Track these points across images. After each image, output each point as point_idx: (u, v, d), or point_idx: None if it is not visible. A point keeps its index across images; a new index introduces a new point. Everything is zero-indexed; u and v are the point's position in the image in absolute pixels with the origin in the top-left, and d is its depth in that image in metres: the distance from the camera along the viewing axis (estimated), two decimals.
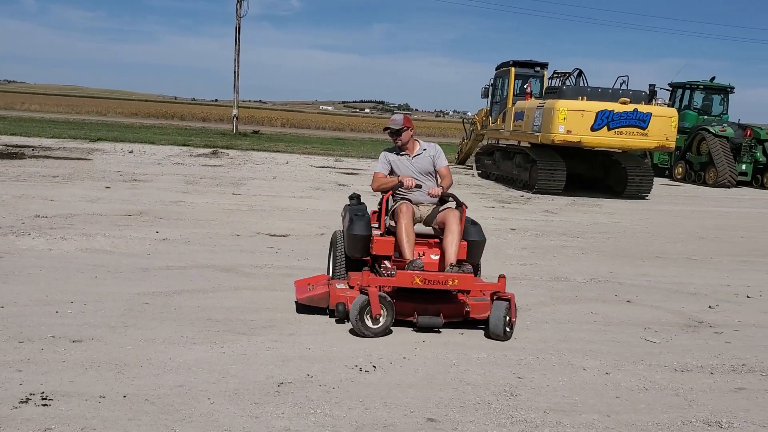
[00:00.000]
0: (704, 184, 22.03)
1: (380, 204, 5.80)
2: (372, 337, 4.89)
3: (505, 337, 5.01)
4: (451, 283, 5.05)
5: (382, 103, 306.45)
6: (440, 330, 5.14)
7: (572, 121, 15.35)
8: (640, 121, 15.64)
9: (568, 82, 17.89)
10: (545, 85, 19.26)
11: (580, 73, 17.70)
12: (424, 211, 5.71)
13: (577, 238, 10.16)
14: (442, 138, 52.28)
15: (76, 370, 3.95)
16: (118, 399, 3.60)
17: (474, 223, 5.75)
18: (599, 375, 4.50)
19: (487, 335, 5.10)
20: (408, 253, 5.31)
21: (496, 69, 21.44)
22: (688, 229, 11.94)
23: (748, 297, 7.00)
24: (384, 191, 5.75)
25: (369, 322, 4.91)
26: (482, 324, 5.24)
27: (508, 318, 5.03)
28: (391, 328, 5.03)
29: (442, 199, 5.73)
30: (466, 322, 5.26)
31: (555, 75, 19.33)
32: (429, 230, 5.70)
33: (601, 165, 17.49)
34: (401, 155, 5.91)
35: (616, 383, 4.37)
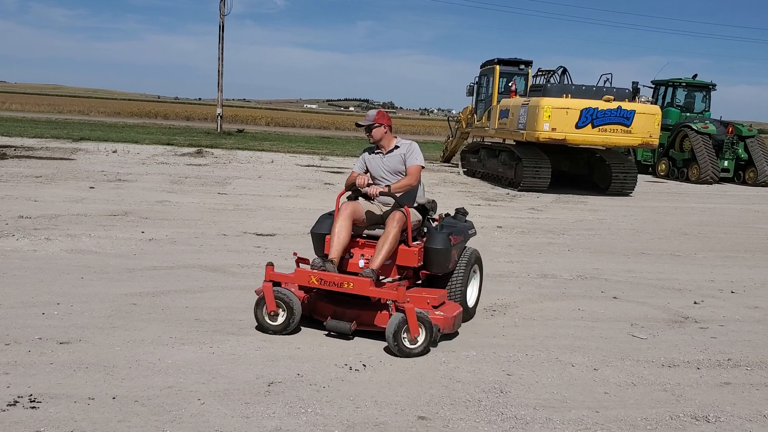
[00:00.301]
0: (687, 180, 22.23)
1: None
2: (273, 334, 4.78)
3: (401, 352, 4.54)
4: (345, 285, 4.71)
5: (367, 101, 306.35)
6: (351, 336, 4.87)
7: (557, 119, 15.43)
8: (624, 119, 15.75)
9: (552, 80, 17.99)
10: (530, 83, 19.34)
11: (565, 71, 17.80)
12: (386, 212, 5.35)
13: (563, 235, 10.21)
14: (428, 136, 52.43)
15: (64, 372, 3.92)
16: (108, 401, 3.58)
17: (445, 228, 5.37)
18: (588, 371, 4.53)
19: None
20: (334, 251, 4.99)
21: (481, 67, 21.49)
22: (671, 225, 12.05)
23: (732, 292, 7.08)
24: (347, 189, 5.44)
25: (267, 319, 4.83)
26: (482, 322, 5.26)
27: (405, 332, 4.57)
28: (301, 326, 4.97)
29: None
30: None
31: (539, 73, 19.41)
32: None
33: (585, 162, 17.60)
34: (375, 153, 5.58)
35: (604, 379, 4.40)
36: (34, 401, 3.51)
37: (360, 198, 5.38)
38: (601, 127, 15.64)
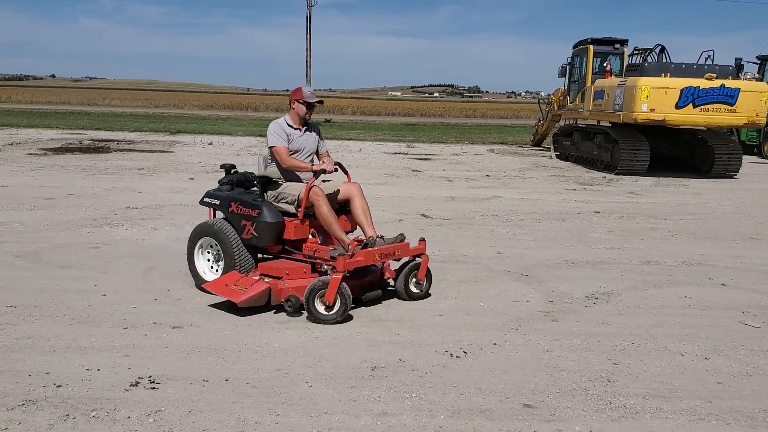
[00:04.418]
0: None
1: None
2: (330, 324, 4.75)
3: (412, 297, 5.42)
4: (396, 253, 5.28)
5: (452, 86, 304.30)
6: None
7: (655, 99, 14.83)
8: (728, 97, 14.97)
9: (649, 59, 17.26)
10: (626, 63, 18.65)
11: (663, 49, 17.04)
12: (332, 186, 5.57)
13: (665, 220, 9.83)
14: (516, 120, 51.49)
15: (179, 355, 4.11)
16: (221, 382, 3.73)
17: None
18: (698, 360, 4.36)
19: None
20: (343, 235, 5.24)
21: (574, 47, 20.89)
22: None
23: None
24: (316, 176, 5.42)
25: (322, 309, 4.79)
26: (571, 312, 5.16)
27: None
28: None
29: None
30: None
31: (636, 52, 18.66)
32: None
33: (686, 143, 16.85)
34: (294, 129, 5.65)
35: (716, 369, 4.23)
36: (153, 382, 3.70)
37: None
38: (702, 107, 14.93)
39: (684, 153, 16.92)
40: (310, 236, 5.37)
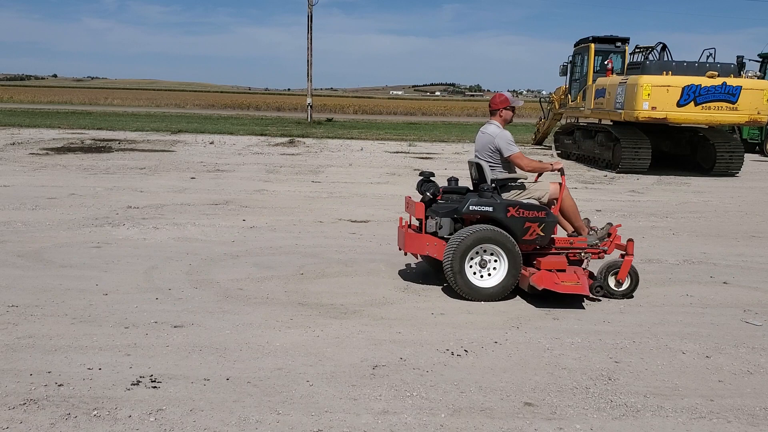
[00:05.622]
0: None
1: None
2: (618, 298, 5.61)
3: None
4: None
5: (453, 85, 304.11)
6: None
7: (657, 97, 14.82)
8: (730, 95, 14.96)
9: (651, 57, 17.24)
10: (627, 61, 18.63)
11: (664, 47, 17.02)
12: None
13: (667, 218, 9.83)
14: (517, 118, 51.42)
15: (180, 354, 4.11)
16: (222, 381, 3.73)
17: None
18: (699, 358, 4.35)
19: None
20: (582, 223, 5.95)
21: (575, 45, 20.86)
22: None
23: None
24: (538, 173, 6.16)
25: (613, 285, 5.64)
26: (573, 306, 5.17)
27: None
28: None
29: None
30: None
31: (637, 50, 18.64)
32: None
33: (687, 142, 16.84)
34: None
35: (717, 367, 4.22)
36: (154, 381, 3.70)
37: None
38: (704, 105, 14.93)
39: (685, 151, 16.91)
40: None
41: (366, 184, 12.69)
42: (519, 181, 5.94)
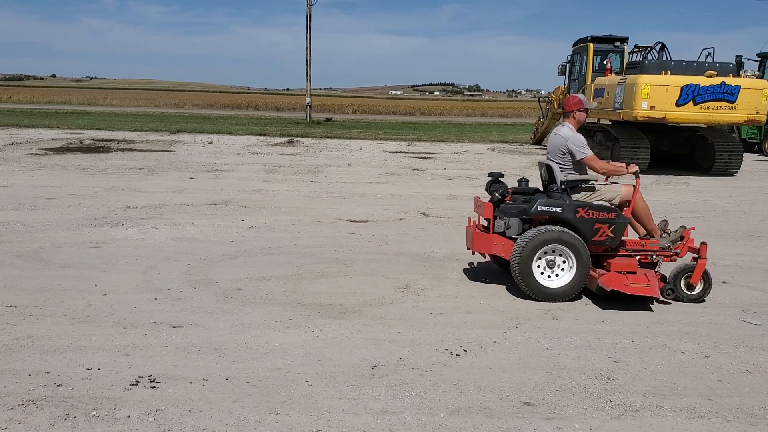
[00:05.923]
0: None
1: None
2: (686, 302, 5.58)
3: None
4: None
5: (452, 85, 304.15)
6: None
7: (656, 97, 14.83)
8: (728, 95, 14.97)
9: (650, 57, 17.25)
10: (626, 60, 18.65)
11: (663, 46, 17.03)
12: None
13: (666, 217, 9.80)
14: (516, 118, 51.55)
15: (179, 354, 4.11)
16: (221, 382, 3.73)
17: None
18: (698, 358, 4.36)
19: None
20: (654, 225, 5.93)
21: (574, 45, 20.89)
22: None
23: None
24: (612, 175, 6.12)
25: (685, 289, 5.60)
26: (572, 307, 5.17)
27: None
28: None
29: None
30: None
31: (636, 49, 18.66)
32: None
33: (686, 141, 16.85)
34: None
35: (716, 366, 4.23)
36: (153, 381, 3.70)
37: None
38: (703, 104, 14.94)
39: (684, 151, 16.92)
40: None
41: (365, 184, 12.69)
42: (590, 182, 5.93)
